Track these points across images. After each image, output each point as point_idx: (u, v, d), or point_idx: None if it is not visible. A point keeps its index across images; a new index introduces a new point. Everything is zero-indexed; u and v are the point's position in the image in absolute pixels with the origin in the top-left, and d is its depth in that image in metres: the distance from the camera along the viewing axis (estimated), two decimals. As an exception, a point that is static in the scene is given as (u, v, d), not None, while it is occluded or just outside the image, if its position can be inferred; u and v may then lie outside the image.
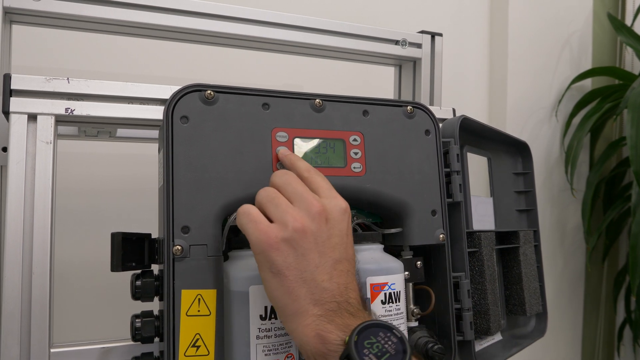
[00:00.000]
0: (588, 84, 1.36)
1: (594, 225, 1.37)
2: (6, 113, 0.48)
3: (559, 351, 1.35)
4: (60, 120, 0.51)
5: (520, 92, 1.26)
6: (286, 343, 0.45)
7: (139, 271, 0.45)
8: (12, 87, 0.49)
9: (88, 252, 0.83)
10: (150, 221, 0.53)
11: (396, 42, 0.77)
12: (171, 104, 0.45)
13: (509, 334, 0.72)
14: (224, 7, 0.66)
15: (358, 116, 0.52)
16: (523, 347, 0.69)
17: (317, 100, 0.51)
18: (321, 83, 1.03)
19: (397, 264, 0.52)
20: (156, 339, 0.45)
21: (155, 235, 0.49)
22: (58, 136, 0.61)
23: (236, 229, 0.51)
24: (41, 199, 0.48)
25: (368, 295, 0.49)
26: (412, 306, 0.55)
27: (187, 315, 0.43)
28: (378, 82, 0.93)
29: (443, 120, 0.63)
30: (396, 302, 0.50)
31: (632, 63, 1.41)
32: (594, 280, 1.44)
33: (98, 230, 0.83)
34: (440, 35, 0.79)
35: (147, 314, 0.45)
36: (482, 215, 0.68)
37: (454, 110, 0.70)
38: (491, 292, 0.62)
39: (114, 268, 0.42)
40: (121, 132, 0.64)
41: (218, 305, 0.44)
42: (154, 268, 0.47)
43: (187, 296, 0.43)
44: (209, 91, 0.46)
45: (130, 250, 0.44)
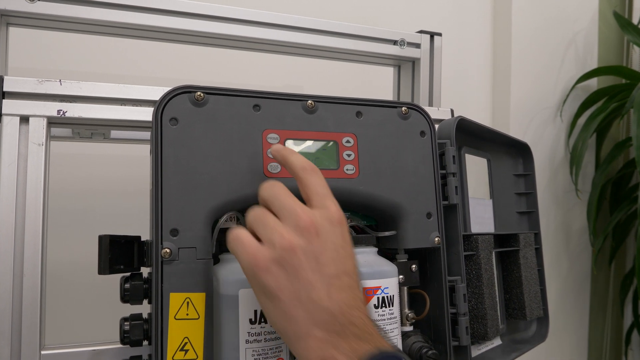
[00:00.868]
0: (594, 84, 1.34)
1: (600, 227, 1.35)
2: (-2, 115, 0.48)
3: (564, 356, 1.33)
4: (52, 122, 0.51)
5: (524, 92, 1.24)
6: (276, 347, 0.45)
7: (129, 274, 0.45)
8: (5, 89, 0.49)
9: (82, 253, 0.83)
10: (145, 223, 0.53)
11: (394, 42, 0.76)
12: (160, 106, 0.45)
13: (509, 339, 0.71)
14: (220, 8, 0.65)
15: (351, 117, 0.52)
16: (523, 352, 0.68)
17: (309, 101, 0.50)
18: (322, 84, 1.03)
19: (391, 268, 0.51)
20: (145, 342, 0.45)
21: (147, 237, 0.48)
22: (52, 138, 0.61)
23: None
24: (33, 201, 0.49)
25: (360, 299, 0.48)
26: (407, 310, 0.54)
27: (176, 318, 0.42)
28: (378, 83, 0.92)
29: (442, 121, 0.62)
30: (389, 307, 0.49)
31: (639, 62, 1.39)
32: (600, 283, 1.42)
33: (93, 231, 0.83)
34: (439, 34, 0.78)
35: (136, 317, 0.45)
36: (481, 217, 0.67)
37: (452, 110, 0.69)
38: (489, 296, 0.61)
39: (101, 271, 0.42)
40: (115, 134, 0.63)
41: (207, 308, 0.43)
42: (144, 271, 0.47)
43: (176, 299, 0.42)
44: (199, 92, 0.46)
45: (118, 252, 0.44)
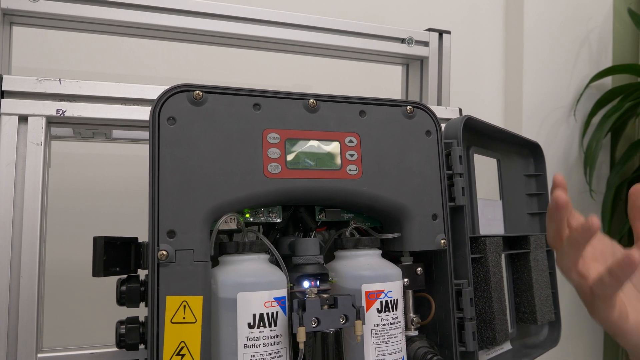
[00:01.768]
0: (608, 82, 1.31)
1: (615, 228, 1.32)
2: (-3, 114, 0.48)
3: (579, 359, 1.30)
4: (51, 121, 0.51)
5: (537, 91, 1.21)
6: (275, 352, 0.43)
7: (125, 276, 0.44)
8: (3, 88, 0.49)
9: (83, 254, 0.82)
10: (146, 223, 0.52)
11: (402, 41, 0.75)
12: (158, 105, 0.44)
13: (520, 343, 0.69)
14: (228, 7, 0.64)
15: (354, 116, 0.50)
16: (534, 357, 0.66)
17: (311, 100, 0.49)
18: (331, 85, 1.01)
19: (395, 271, 0.50)
20: (142, 346, 0.44)
21: (146, 238, 0.47)
22: (53, 137, 0.61)
23: (229, 232, 0.50)
24: (31, 201, 0.48)
25: (363, 303, 0.47)
26: (412, 314, 0.53)
27: (172, 322, 0.41)
28: (388, 85, 0.90)
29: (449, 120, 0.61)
30: (393, 311, 0.48)
31: (656, 60, 1.36)
32: (616, 285, 1.38)
33: (94, 231, 0.82)
34: (448, 32, 0.77)
35: (133, 320, 0.44)
36: (490, 219, 0.65)
37: (460, 110, 0.68)
38: (497, 300, 0.59)
39: (96, 273, 0.41)
40: (117, 134, 0.63)
41: (204, 312, 0.42)
42: (141, 273, 0.46)
43: (172, 302, 0.41)
44: (197, 91, 0.45)
45: (114, 254, 0.43)
